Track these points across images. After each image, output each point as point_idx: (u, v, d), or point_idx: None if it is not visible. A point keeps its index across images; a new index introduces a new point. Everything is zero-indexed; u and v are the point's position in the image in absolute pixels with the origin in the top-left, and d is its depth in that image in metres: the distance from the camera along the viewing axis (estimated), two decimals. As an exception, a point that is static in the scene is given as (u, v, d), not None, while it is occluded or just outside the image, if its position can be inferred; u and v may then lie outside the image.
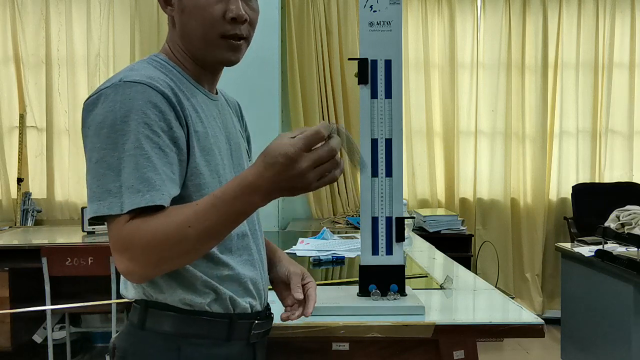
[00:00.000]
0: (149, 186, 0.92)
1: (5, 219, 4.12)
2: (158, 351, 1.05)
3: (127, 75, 0.98)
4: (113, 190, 0.92)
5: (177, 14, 1.07)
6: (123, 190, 0.91)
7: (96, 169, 0.94)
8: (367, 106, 1.49)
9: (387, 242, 1.50)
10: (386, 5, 1.48)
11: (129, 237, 0.91)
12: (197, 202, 0.93)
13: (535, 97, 4.44)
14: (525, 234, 4.46)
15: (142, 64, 1.07)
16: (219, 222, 0.91)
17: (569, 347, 3.29)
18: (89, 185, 0.95)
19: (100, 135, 0.95)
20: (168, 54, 1.12)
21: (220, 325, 1.07)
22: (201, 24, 1.05)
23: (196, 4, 1.04)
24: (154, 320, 1.05)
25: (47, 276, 2.92)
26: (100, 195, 0.92)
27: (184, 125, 1.01)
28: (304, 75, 4.17)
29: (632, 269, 2.64)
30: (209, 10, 1.04)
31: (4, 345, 3.17)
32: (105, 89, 0.97)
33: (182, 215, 0.91)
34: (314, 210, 4.19)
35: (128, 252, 0.91)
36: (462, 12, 4.43)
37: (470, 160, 4.46)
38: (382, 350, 1.46)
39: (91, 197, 0.94)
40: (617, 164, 4.54)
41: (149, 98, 0.96)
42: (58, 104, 4.17)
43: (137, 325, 1.06)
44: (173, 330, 1.04)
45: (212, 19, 1.05)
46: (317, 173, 0.88)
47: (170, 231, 0.90)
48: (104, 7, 4.16)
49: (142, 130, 0.94)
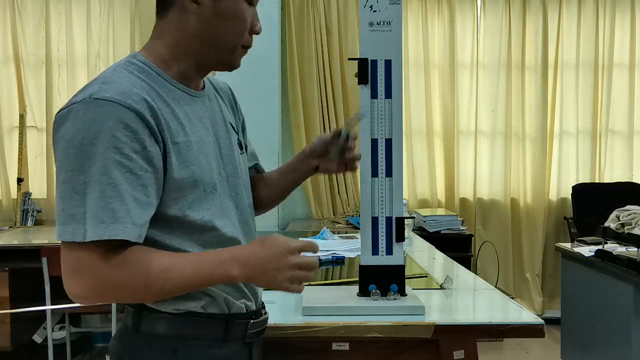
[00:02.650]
0: (113, 218, 0.92)
1: (5, 219, 4.12)
2: (155, 353, 1.04)
3: (99, 90, 0.95)
4: (77, 215, 0.91)
5: (206, 15, 1.06)
6: (87, 217, 0.91)
7: (63, 189, 0.93)
8: (367, 106, 1.49)
9: (387, 242, 1.51)
10: (386, 5, 1.48)
11: (87, 267, 0.92)
12: (178, 254, 0.98)
13: (535, 97, 4.44)
14: (525, 234, 4.46)
15: (118, 72, 1.02)
16: (191, 277, 0.96)
17: (569, 347, 3.29)
18: (57, 204, 0.94)
19: (68, 155, 0.93)
20: (151, 53, 1.09)
21: (216, 326, 1.07)
22: (233, 32, 1.08)
23: (234, 14, 1.07)
24: (148, 322, 1.05)
25: (47, 276, 2.92)
26: (65, 219, 0.92)
27: (159, 142, 0.99)
28: (304, 75, 4.17)
29: (632, 269, 2.64)
30: (244, 22, 1.09)
31: (4, 345, 3.17)
32: (75, 104, 0.95)
33: (160, 265, 0.96)
34: (314, 210, 4.19)
35: (79, 277, 0.93)
36: (462, 12, 4.42)
37: (470, 160, 4.46)
38: (382, 350, 1.46)
39: (58, 219, 0.94)
40: (617, 164, 4.54)
41: (120, 118, 0.93)
42: (58, 104, 4.16)
43: (132, 329, 1.06)
44: (169, 332, 1.04)
45: (243, 30, 1.09)
46: (294, 274, 1.01)
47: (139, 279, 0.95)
48: (104, 7, 4.16)
49: (111, 156, 0.92)
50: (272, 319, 1.39)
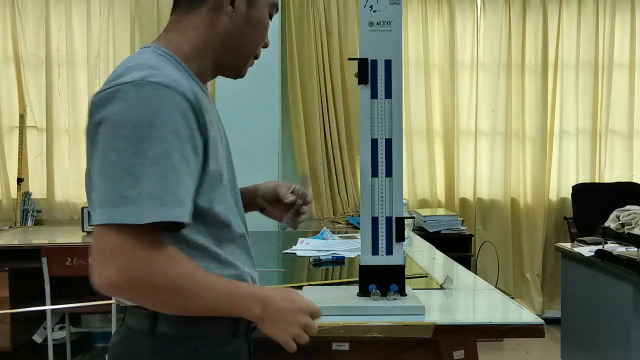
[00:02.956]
0: (177, 201, 0.90)
1: (5, 219, 4.11)
2: (177, 355, 1.03)
3: (151, 74, 0.93)
4: (130, 197, 0.88)
5: (238, 19, 1.08)
6: (143, 199, 0.88)
7: (111, 171, 0.89)
8: (367, 106, 1.49)
9: (387, 242, 1.51)
10: (386, 5, 1.48)
11: (133, 252, 0.89)
12: (210, 273, 1.00)
13: (535, 97, 4.44)
14: (525, 234, 4.46)
15: (157, 59, 1.00)
16: (220, 302, 0.98)
17: (569, 347, 3.29)
18: (99, 187, 0.90)
19: (118, 135, 0.89)
20: (173, 47, 1.06)
21: (227, 323, 1.07)
22: (255, 40, 1.13)
23: (260, 23, 1.12)
24: (167, 324, 1.02)
25: (47, 276, 2.92)
26: (117, 201, 0.88)
27: (203, 133, 0.99)
28: (304, 75, 4.17)
29: (632, 269, 2.64)
30: (265, 32, 1.14)
31: (4, 345, 3.17)
32: (124, 84, 0.92)
33: (202, 276, 0.96)
34: (314, 210, 4.19)
35: (120, 262, 0.88)
36: (462, 12, 4.42)
37: (470, 160, 4.46)
38: (382, 350, 1.46)
39: (102, 201, 0.89)
40: (617, 164, 4.54)
41: (177, 105, 0.93)
42: (58, 104, 4.17)
43: (148, 331, 1.03)
44: (189, 333, 1.03)
45: (262, 40, 1.15)
46: (299, 333, 1.04)
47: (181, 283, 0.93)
48: (104, 7, 4.16)
49: (171, 140, 0.91)
50: (272, 319, 1.39)
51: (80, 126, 4.14)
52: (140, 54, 1.03)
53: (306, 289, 1.67)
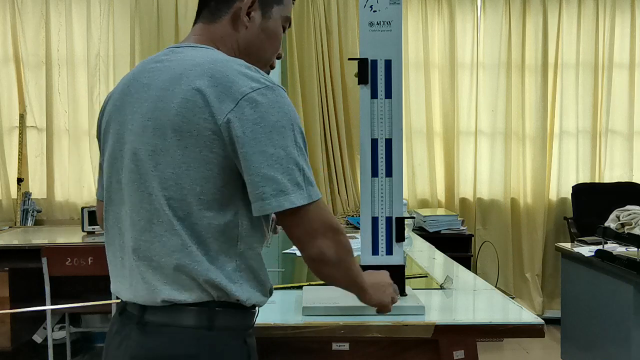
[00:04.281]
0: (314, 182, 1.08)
1: (5, 219, 4.11)
2: (233, 347, 1.09)
3: (270, 79, 1.07)
4: (301, 183, 1.02)
5: (255, 29, 1.18)
6: (306, 183, 1.03)
7: (285, 163, 1.01)
8: (367, 106, 1.49)
9: (387, 242, 1.51)
10: (386, 5, 1.48)
11: (334, 225, 1.08)
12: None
13: (535, 97, 4.44)
14: (525, 234, 4.46)
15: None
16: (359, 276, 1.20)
17: (569, 347, 3.29)
18: (274, 178, 1.00)
19: (281, 132, 1.02)
20: (228, 48, 1.16)
21: (252, 316, 1.15)
22: (270, 49, 1.22)
23: (275, 34, 1.21)
24: (225, 318, 1.07)
25: (47, 276, 2.92)
26: (290, 188, 1.01)
27: None
28: (304, 75, 4.17)
29: (632, 269, 2.64)
30: (279, 43, 1.23)
31: (4, 345, 3.17)
32: (265, 88, 1.04)
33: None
34: (314, 210, 4.18)
35: (334, 234, 1.08)
36: (462, 12, 4.42)
37: (470, 160, 4.46)
38: (382, 350, 1.46)
39: (280, 190, 1.01)
40: (617, 164, 4.54)
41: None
42: (58, 104, 4.16)
43: (207, 326, 1.05)
44: (240, 325, 1.11)
45: (277, 50, 1.24)
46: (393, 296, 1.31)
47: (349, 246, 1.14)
48: (104, 7, 4.16)
49: (301, 135, 1.07)
50: (273, 319, 1.39)
51: (80, 126, 4.14)
52: (235, 60, 1.11)
53: (306, 289, 1.67)
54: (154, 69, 1.12)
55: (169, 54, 1.14)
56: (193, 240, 1.04)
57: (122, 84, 1.17)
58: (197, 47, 1.14)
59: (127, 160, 1.09)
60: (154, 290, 1.06)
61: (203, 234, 1.04)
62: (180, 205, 1.04)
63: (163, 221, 1.04)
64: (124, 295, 1.13)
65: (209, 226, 1.04)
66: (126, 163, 1.10)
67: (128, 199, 1.10)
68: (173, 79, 1.06)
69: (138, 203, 1.08)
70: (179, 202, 1.04)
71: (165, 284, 1.05)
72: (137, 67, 1.17)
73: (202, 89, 1.02)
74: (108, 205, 1.16)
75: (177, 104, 1.03)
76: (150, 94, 1.08)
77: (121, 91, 1.15)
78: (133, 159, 1.08)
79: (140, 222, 1.07)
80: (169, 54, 1.14)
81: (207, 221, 1.04)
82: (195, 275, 1.04)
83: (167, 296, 1.05)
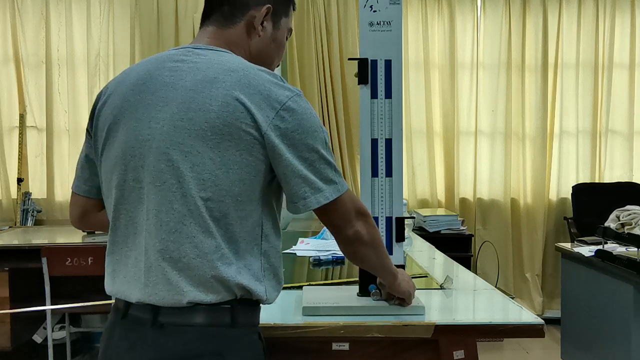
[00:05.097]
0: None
1: (5, 219, 4.12)
2: (252, 342, 1.13)
3: (291, 86, 1.14)
4: (333, 179, 1.13)
5: (266, 37, 1.23)
6: (337, 176, 1.14)
7: (318, 164, 1.11)
8: (367, 106, 1.49)
9: (387, 242, 1.51)
10: (386, 5, 1.48)
11: (362, 205, 1.20)
12: None
13: (535, 97, 4.44)
14: (525, 234, 4.46)
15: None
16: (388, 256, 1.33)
17: (569, 347, 3.29)
18: (311, 179, 1.10)
19: (314, 137, 1.10)
20: (241, 53, 1.20)
21: (260, 311, 1.18)
22: (276, 56, 1.29)
23: (281, 43, 1.28)
24: (247, 314, 1.11)
25: (47, 276, 2.92)
26: (324, 186, 1.11)
27: None
28: (304, 75, 4.17)
29: (632, 269, 2.64)
30: (282, 52, 1.31)
31: (4, 345, 3.17)
32: (295, 95, 1.11)
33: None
34: (314, 210, 4.18)
35: (365, 217, 1.19)
36: (462, 12, 4.43)
37: (470, 160, 4.46)
38: (382, 350, 1.46)
39: (316, 188, 1.11)
40: (617, 164, 4.54)
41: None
42: (58, 104, 4.17)
43: (228, 324, 1.08)
44: (254, 322, 1.15)
45: (279, 59, 1.31)
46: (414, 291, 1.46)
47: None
48: (104, 7, 4.16)
49: (325, 133, 1.15)
50: (272, 319, 1.39)
51: (80, 126, 4.14)
52: (254, 66, 1.15)
53: (306, 289, 1.66)
54: (176, 68, 1.10)
55: (187, 54, 1.13)
56: (225, 241, 1.06)
57: (133, 78, 1.13)
58: (217, 50, 1.14)
59: (153, 159, 1.07)
60: (179, 291, 1.05)
61: (236, 234, 1.07)
62: (217, 206, 1.05)
63: (197, 222, 1.05)
64: (132, 296, 1.09)
65: (241, 227, 1.08)
66: (151, 162, 1.07)
67: (152, 199, 1.07)
68: (205, 81, 1.07)
69: (167, 203, 1.06)
70: (216, 203, 1.05)
71: (192, 285, 1.05)
72: (150, 64, 1.14)
73: (241, 97, 1.05)
74: (118, 203, 1.12)
75: (217, 107, 1.04)
76: (178, 93, 1.07)
77: (134, 86, 1.12)
78: (163, 158, 1.06)
79: (169, 223, 1.06)
80: (188, 55, 1.13)
81: (239, 222, 1.07)
82: (226, 277, 1.05)
83: (194, 297, 1.05)
